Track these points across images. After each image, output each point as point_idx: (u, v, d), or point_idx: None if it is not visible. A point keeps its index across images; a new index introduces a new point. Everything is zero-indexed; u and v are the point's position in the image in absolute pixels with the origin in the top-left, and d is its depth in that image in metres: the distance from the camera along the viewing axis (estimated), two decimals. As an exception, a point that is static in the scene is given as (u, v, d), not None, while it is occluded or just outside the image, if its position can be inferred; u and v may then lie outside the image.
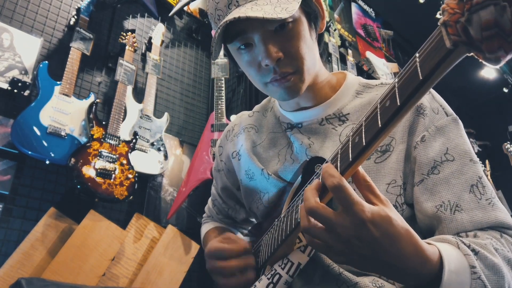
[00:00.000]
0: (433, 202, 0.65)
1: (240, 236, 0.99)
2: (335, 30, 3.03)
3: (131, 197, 1.78)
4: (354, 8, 3.71)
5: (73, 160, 1.62)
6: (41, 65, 1.76)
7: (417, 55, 0.39)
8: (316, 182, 0.53)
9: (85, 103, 1.84)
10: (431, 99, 0.73)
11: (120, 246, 1.76)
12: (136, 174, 1.83)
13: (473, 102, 4.68)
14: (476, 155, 0.69)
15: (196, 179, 2.03)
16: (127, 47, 2.09)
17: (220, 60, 2.34)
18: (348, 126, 0.75)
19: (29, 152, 1.56)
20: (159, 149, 2.04)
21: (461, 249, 0.53)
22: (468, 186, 0.64)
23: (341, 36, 3.12)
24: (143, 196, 2.04)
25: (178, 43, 2.60)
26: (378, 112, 0.45)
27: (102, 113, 2.01)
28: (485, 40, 0.31)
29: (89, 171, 1.65)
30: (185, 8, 2.67)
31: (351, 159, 0.48)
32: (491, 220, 0.61)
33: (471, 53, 0.34)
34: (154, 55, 2.23)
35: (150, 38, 2.29)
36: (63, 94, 1.75)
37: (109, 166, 1.72)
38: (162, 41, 2.36)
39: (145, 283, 1.77)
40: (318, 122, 0.79)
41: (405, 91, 0.40)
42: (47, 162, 1.61)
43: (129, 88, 2.02)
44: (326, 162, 0.53)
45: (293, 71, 0.69)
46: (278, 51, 0.67)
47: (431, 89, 0.70)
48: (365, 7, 3.89)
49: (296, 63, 0.69)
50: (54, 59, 1.90)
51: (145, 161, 1.94)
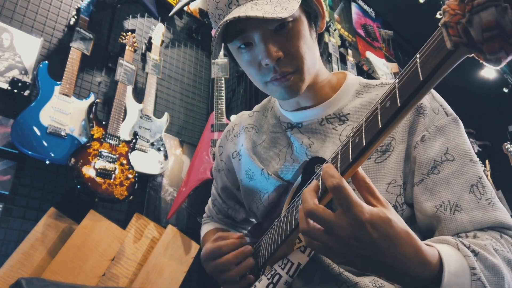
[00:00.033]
0: (433, 202, 0.65)
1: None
2: (335, 30, 3.03)
3: (131, 197, 1.78)
4: (354, 8, 3.70)
5: (73, 160, 1.63)
6: (41, 65, 1.76)
7: (418, 56, 0.39)
8: (315, 183, 0.53)
9: (85, 103, 1.84)
10: (431, 99, 0.73)
11: (120, 246, 1.76)
12: (136, 174, 1.83)
13: (473, 102, 4.68)
14: (476, 155, 0.69)
15: (196, 179, 2.03)
16: (127, 47, 2.09)
17: (220, 60, 2.34)
18: (348, 126, 0.75)
19: (29, 152, 1.56)
20: (159, 149, 2.04)
21: (461, 250, 0.53)
22: (468, 186, 0.64)
23: (341, 36, 3.12)
24: (143, 196, 2.04)
25: (178, 43, 2.60)
26: (379, 113, 0.45)
27: (102, 113, 2.01)
28: (486, 42, 0.31)
29: (89, 171, 1.65)
30: (185, 8, 2.67)
31: (351, 160, 0.48)
32: (491, 220, 0.61)
33: (472, 54, 0.34)
34: (154, 55, 2.23)
35: (150, 38, 2.29)
36: (63, 94, 1.75)
37: (109, 166, 1.72)
38: (162, 41, 2.36)
39: (145, 283, 1.77)
40: (318, 122, 0.79)
41: (406, 92, 0.40)
42: (47, 162, 1.61)
43: (129, 88, 2.02)
44: (326, 163, 0.53)
45: (293, 71, 0.69)
46: (278, 51, 0.67)
47: (431, 89, 0.70)
48: (365, 7, 3.88)
49: (296, 63, 0.69)
50: (54, 59, 1.90)
51: (145, 161, 1.94)
